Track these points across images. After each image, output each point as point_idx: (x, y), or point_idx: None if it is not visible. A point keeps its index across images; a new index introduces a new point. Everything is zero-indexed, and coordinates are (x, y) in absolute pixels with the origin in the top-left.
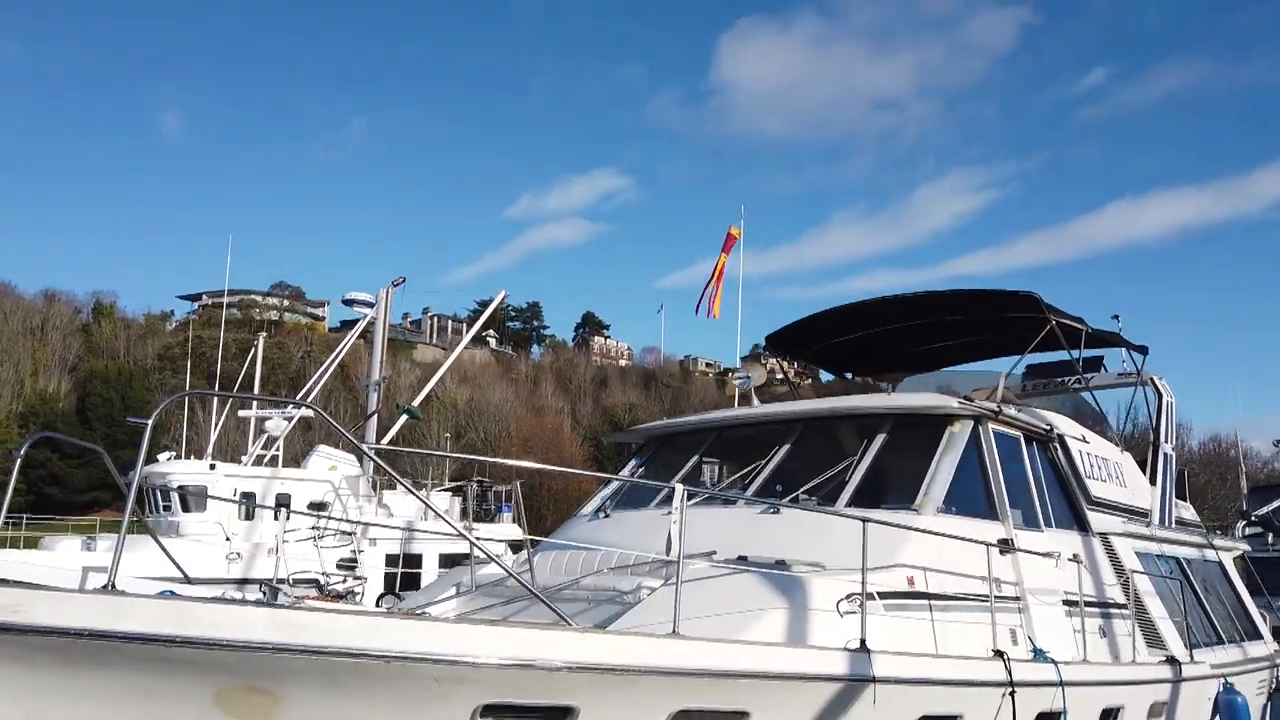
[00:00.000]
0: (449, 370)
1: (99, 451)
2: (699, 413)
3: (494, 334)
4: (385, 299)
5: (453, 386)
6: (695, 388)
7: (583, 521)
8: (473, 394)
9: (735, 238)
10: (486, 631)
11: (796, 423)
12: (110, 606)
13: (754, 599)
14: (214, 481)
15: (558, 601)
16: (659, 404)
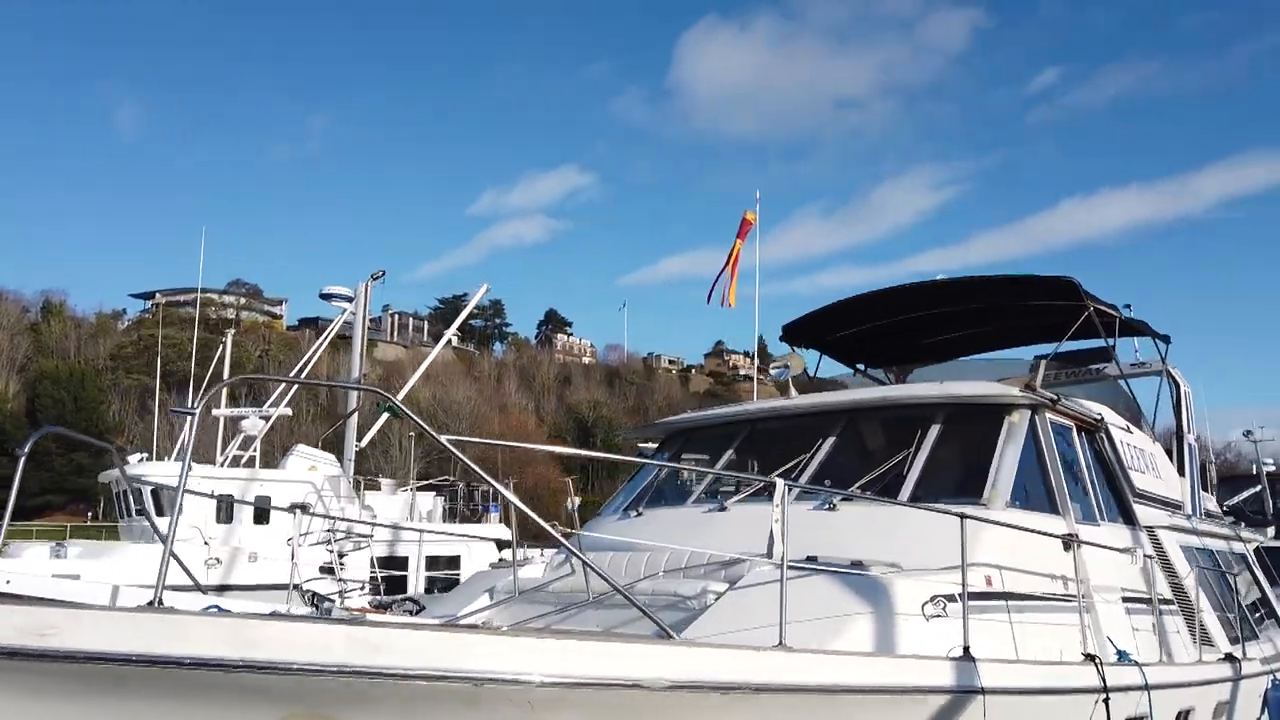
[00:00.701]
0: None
1: (109, 449)
2: (664, 409)
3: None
4: (364, 293)
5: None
6: (659, 384)
7: (611, 521)
8: (436, 392)
9: (751, 223)
10: (590, 648)
11: (840, 414)
12: (162, 626)
13: (835, 604)
14: (190, 484)
15: (610, 609)
16: (623, 401)
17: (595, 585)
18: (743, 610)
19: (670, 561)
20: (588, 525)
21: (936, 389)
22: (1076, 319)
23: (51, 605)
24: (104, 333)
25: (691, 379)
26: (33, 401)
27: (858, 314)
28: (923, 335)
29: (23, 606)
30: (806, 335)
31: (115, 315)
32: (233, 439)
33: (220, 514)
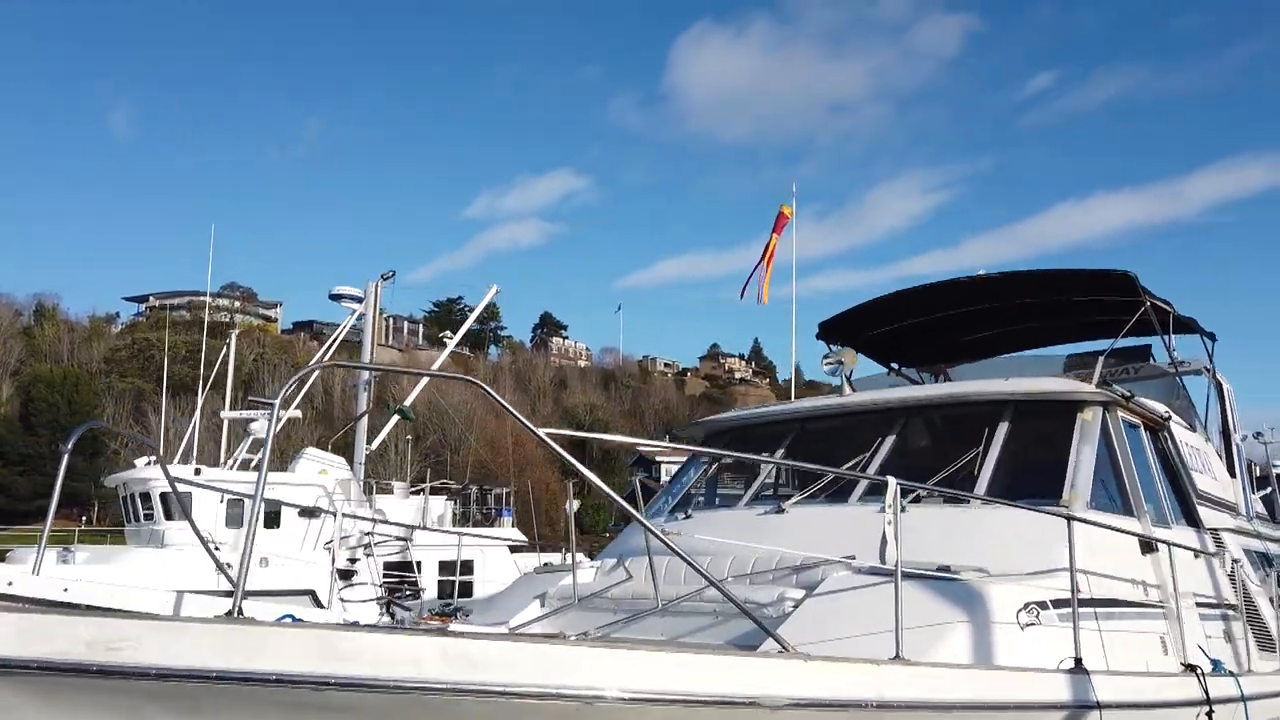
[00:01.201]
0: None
1: (152, 446)
2: (660, 413)
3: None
4: (374, 294)
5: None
6: (655, 388)
7: (658, 525)
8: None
9: (787, 217)
10: (707, 662)
11: (899, 412)
12: (245, 639)
13: (927, 612)
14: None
15: (677, 616)
16: (619, 404)
17: (661, 591)
18: (827, 619)
19: (734, 567)
20: (627, 530)
21: (1003, 385)
22: (1132, 315)
23: (119, 615)
24: (97, 336)
25: (687, 382)
26: (26, 405)
27: (896, 311)
28: (962, 333)
29: (89, 617)
30: (842, 333)
31: (109, 319)
32: (241, 441)
33: (229, 518)
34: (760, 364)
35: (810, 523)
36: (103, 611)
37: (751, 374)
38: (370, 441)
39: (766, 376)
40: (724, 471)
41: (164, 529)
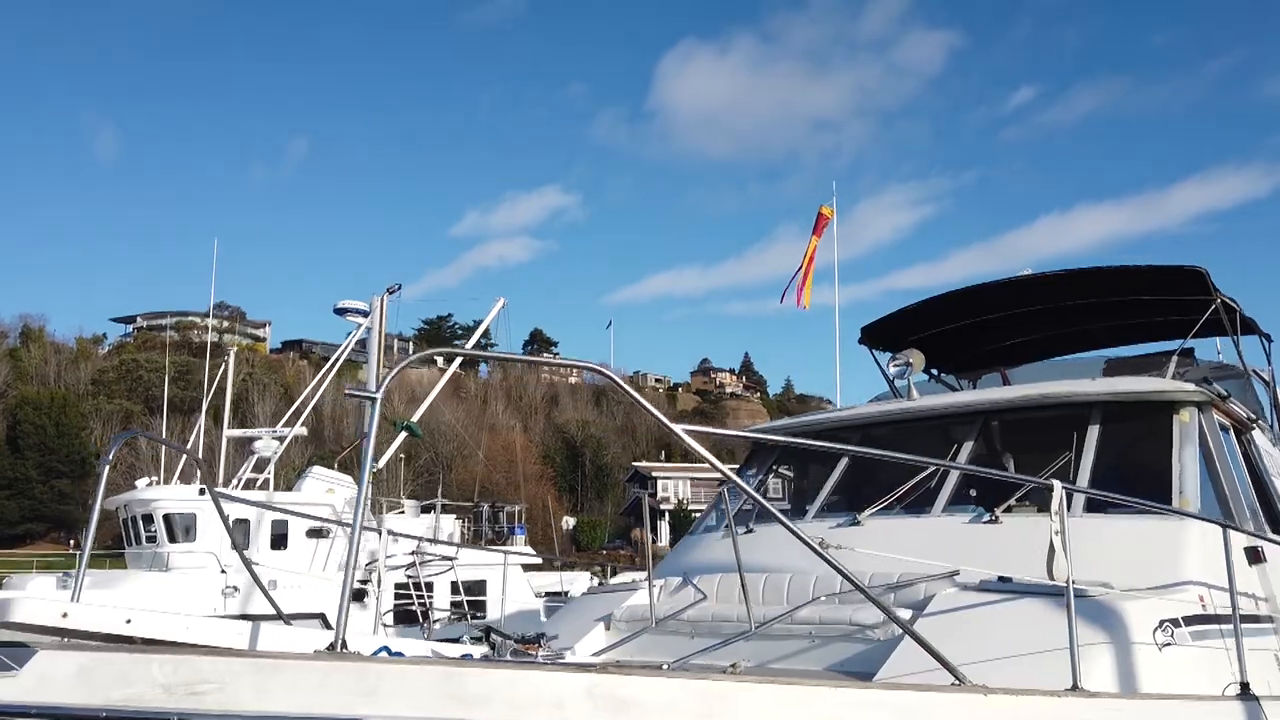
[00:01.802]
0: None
1: (196, 459)
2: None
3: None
4: (380, 307)
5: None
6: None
7: (714, 539)
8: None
9: (827, 218)
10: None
11: (974, 416)
12: (354, 679)
13: (1058, 633)
14: (204, 508)
15: (770, 639)
16: (611, 420)
17: (732, 612)
18: (945, 642)
19: (819, 585)
20: (681, 544)
21: (1091, 385)
22: (1202, 314)
23: (198, 652)
24: (84, 358)
25: (679, 397)
26: (14, 428)
27: (941, 314)
28: (1009, 336)
29: (163, 654)
30: (884, 338)
31: (96, 340)
32: (243, 461)
33: (235, 539)
34: (751, 378)
35: (891, 536)
36: (175, 647)
37: (743, 388)
38: (377, 459)
39: (758, 391)
40: (790, 480)
41: (167, 551)
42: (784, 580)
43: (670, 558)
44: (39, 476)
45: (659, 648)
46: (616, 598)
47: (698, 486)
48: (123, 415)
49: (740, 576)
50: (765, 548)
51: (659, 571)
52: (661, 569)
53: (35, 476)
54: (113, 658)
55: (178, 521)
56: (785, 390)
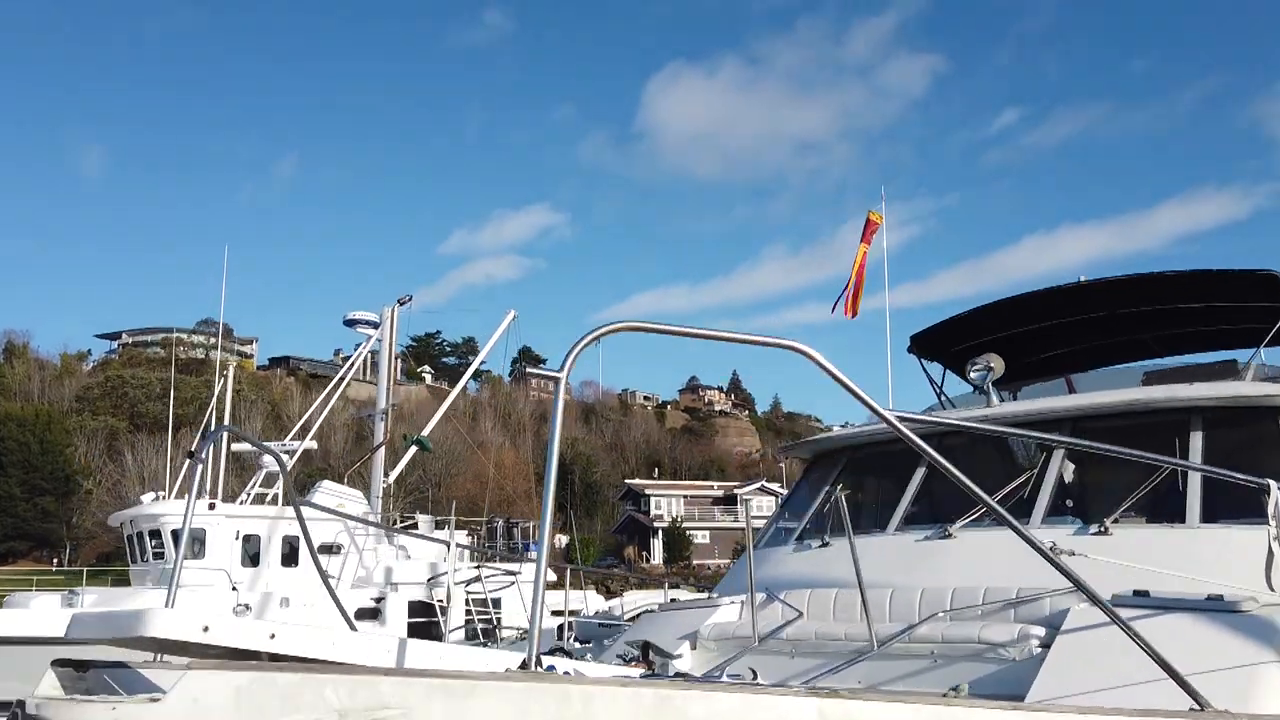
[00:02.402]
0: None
1: (276, 454)
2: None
3: (430, 369)
4: (391, 319)
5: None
6: (635, 421)
7: (785, 554)
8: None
9: (876, 224)
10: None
11: (1065, 422)
12: (560, 701)
13: (1218, 651)
14: (214, 523)
15: (889, 659)
16: (600, 438)
17: (853, 630)
18: (1093, 662)
19: (928, 602)
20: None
21: (1190, 390)
22: (1273, 322)
23: (372, 673)
24: (69, 374)
25: (667, 415)
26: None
27: (992, 322)
28: (1062, 345)
29: (338, 675)
30: (933, 346)
31: (80, 356)
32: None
33: (245, 556)
34: (739, 396)
35: (987, 548)
36: (347, 667)
37: (731, 406)
38: (387, 474)
39: (746, 409)
40: (860, 493)
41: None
42: (884, 596)
43: (735, 575)
44: (22, 494)
45: (769, 668)
46: (696, 615)
47: (691, 505)
48: (107, 432)
49: (861, 593)
50: (847, 561)
51: (722, 589)
52: (725, 586)
53: (18, 494)
54: (275, 678)
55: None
56: (773, 409)
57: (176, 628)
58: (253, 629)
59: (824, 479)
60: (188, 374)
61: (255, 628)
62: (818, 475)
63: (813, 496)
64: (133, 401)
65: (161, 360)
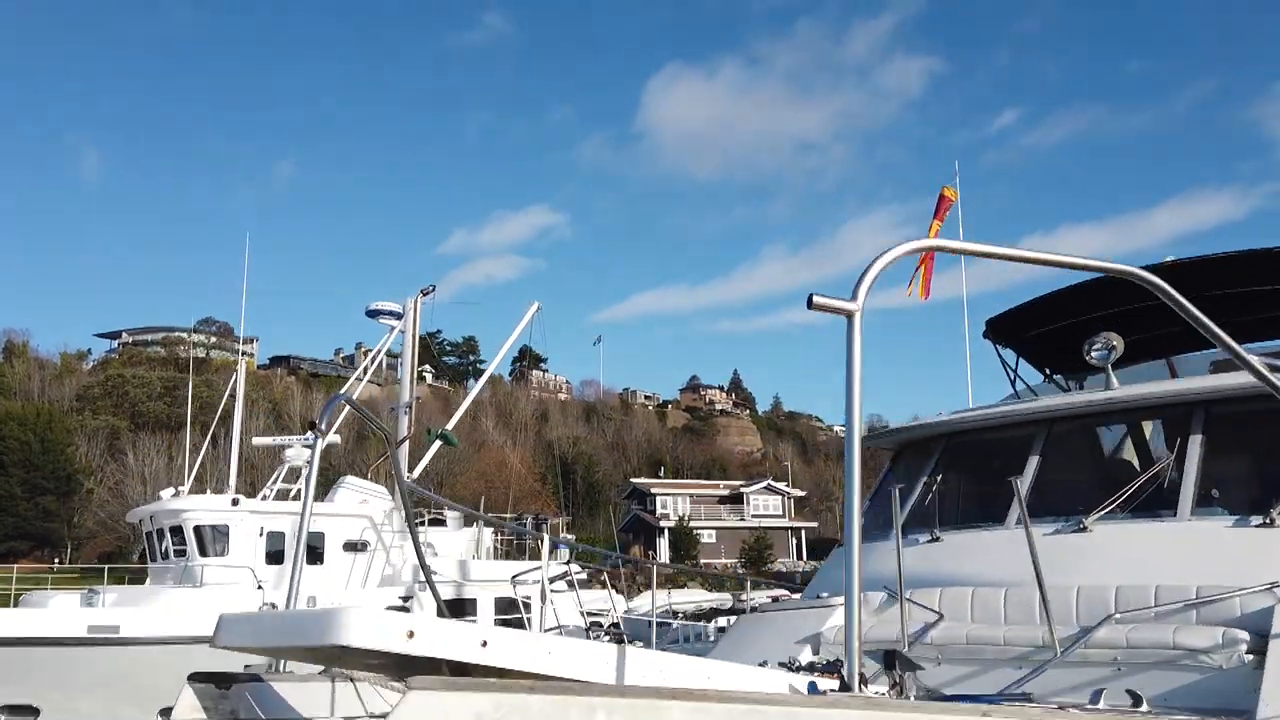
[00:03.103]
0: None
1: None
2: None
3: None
4: (414, 310)
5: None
6: (636, 420)
7: (888, 549)
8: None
9: (951, 200)
10: None
11: (1194, 406)
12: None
13: None
14: (237, 519)
15: (1066, 667)
16: (602, 437)
17: (1008, 635)
18: None
19: (1085, 602)
20: (838, 556)
21: None
22: None
23: (659, 695)
24: (68, 373)
25: (668, 414)
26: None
27: (1070, 305)
28: (1141, 330)
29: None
30: (1007, 331)
31: (80, 355)
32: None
33: (269, 554)
34: (740, 395)
35: (1132, 543)
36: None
37: (732, 405)
38: (411, 469)
39: (747, 408)
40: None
41: (198, 566)
42: (1030, 595)
43: (829, 572)
44: (23, 494)
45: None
46: (807, 617)
47: (698, 504)
48: (109, 432)
49: (1041, 593)
50: (968, 557)
51: (818, 587)
52: (818, 585)
53: (19, 494)
54: (527, 701)
55: (209, 534)
56: (774, 408)
57: (378, 634)
58: (463, 635)
59: (917, 469)
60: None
61: (465, 634)
62: (908, 465)
63: (908, 488)
64: (133, 401)
65: (161, 359)
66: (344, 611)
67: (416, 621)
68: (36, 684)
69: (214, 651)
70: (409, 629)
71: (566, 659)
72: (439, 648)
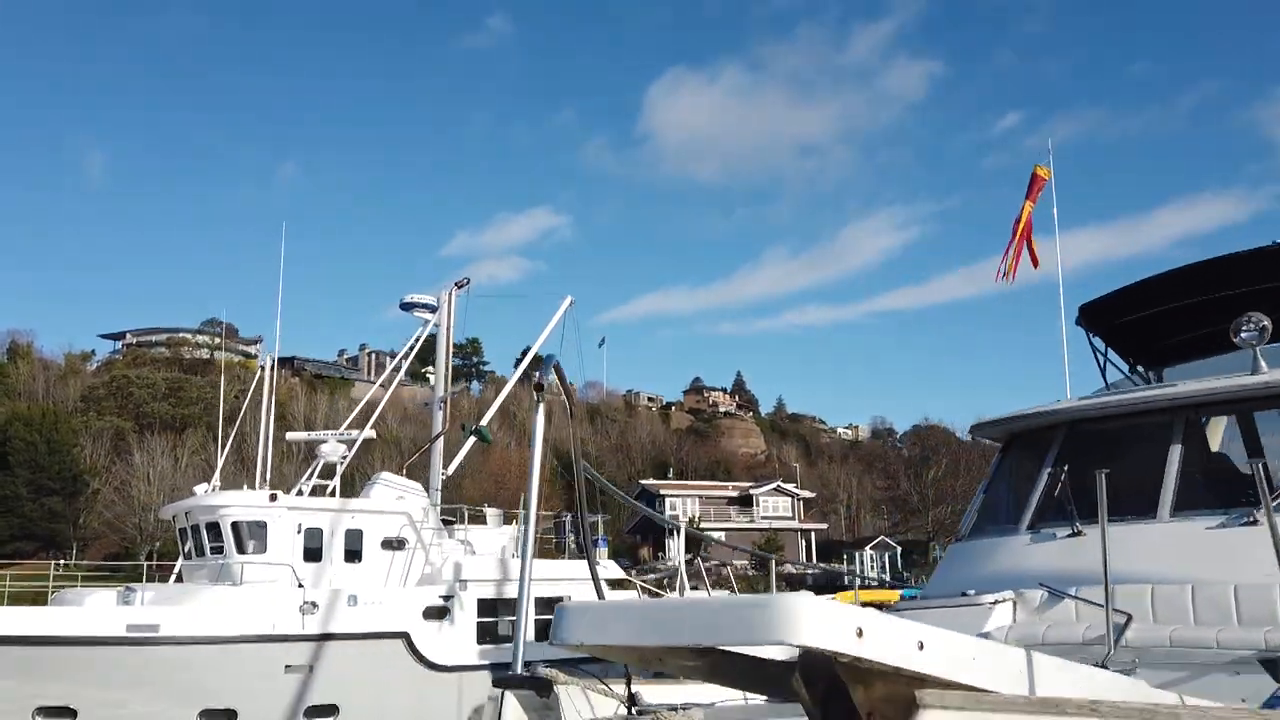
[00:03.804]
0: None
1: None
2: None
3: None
4: (449, 302)
5: (395, 425)
6: (640, 421)
7: (1022, 544)
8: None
9: (1044, 179)
10: None
11: None
12: None
13: None
14: (275, 515)
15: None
16: (606, 439)
17: (1222, 638)
18: None
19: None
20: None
21: None
22: None
23: None
24: (73, 374)
25: (672, 416)
26: (3, 445)
27: (1166, 291)
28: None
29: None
30: (1099, 318)
31: (84, 356)
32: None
33: (308, 551)
34: (743, 397)
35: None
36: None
37: (735, 407)
38: (446, 465)
39: (750, 410)
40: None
41: (235, 563)
42: (1220, 593)
43: (953, 569)
44: (28, 494)
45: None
46: (957, 617)
47: (707, 505)
48: (114, 432)
49: None
50: (1122, 553)
51: (941, 586)
52: (941, 583)
53: (25, 494)
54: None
55: (246, 530)
56: (777, 410)
57: (829, 630)
58: (902, 634)
59: (1036, 460)
60: (191, 373)
61: (904, 632)
62: (1023, 456)
63: (1026, 480)
64: (138, 402)
65: (166, 360)
66: (789, 602)
67: (864, 617)
68: (73, 684)
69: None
70: (857, 625)
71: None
72: (882, 652)
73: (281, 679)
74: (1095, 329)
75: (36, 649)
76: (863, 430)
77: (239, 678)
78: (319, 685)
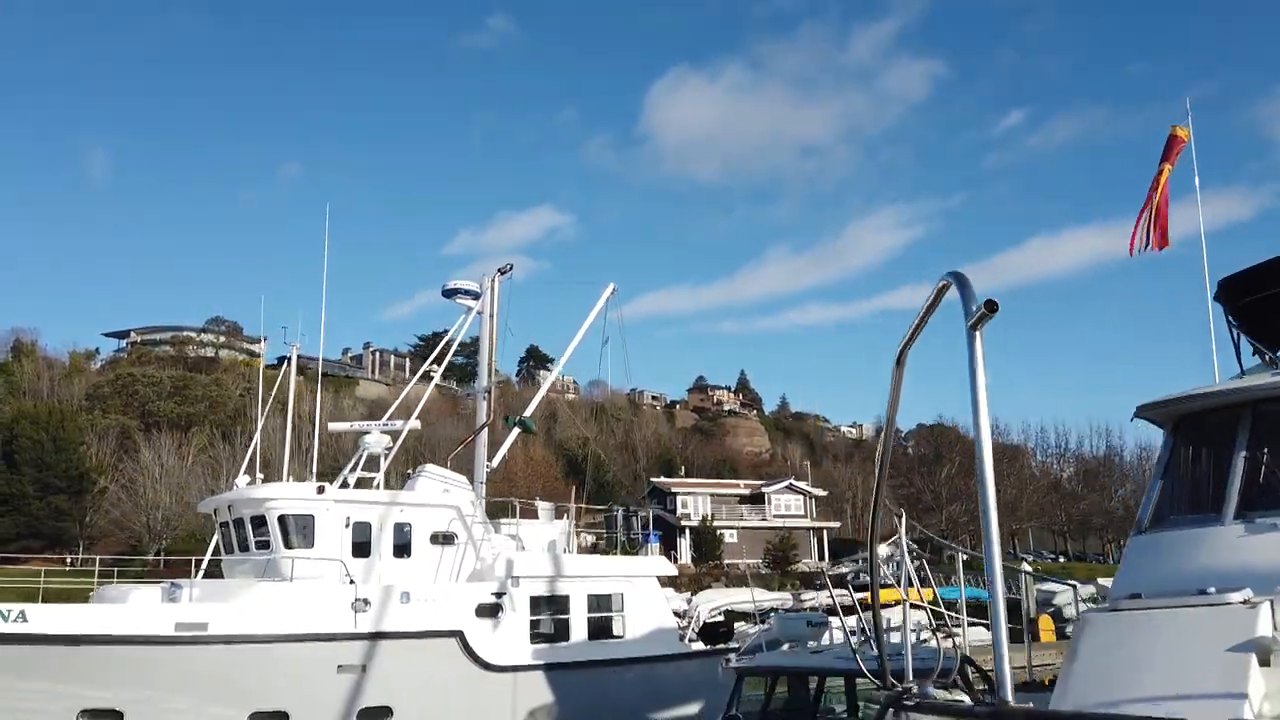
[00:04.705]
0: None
1: None
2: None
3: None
4: (492, 289)
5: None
6: (645, 420)
7: (1232, 534)
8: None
9: (1183, 140)
10: None
11: None
12: None
13: None
14: (322, 509)
15: None
16: (611, 438)
17: None
18: None
19: None
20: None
21: None
22: None
23: None
24: (77, 372)
25: (676, 414)
26: (10, 443)
27: None
28: None
29: None
30: (1233, 294)
31: (88, 354)
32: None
33: (355, 545)
34: (747, 396)
35: None
36: None
37: (739, 405)
38: (491, 457)
39: (754, 408)
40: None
41: (282, 559)
42: None
43: (1151, 563)
44: (35, 492)
45: None
46: (1203, 618)
47: (719, 503)
48: (119, 431)
49: None
50: None
51: (1137, 583)
52: (1145, 579)
53: (31, 492)
54: None
55: (293, 524)
56: (781, 408)
57: None
58: None
59: (1218, 443)
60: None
61: None
62: (1201, 439)
63: (1211, 465)
64: (143, 400)
65: (171, 359)
66: None
67: None
68: (120, 685)
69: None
70: None
71: None
72: None
73: (334, 679)
74: (1234, 304)
75: (81, 649)
76: (866, 429)
77: (291, 678)
78: (372, 686)
